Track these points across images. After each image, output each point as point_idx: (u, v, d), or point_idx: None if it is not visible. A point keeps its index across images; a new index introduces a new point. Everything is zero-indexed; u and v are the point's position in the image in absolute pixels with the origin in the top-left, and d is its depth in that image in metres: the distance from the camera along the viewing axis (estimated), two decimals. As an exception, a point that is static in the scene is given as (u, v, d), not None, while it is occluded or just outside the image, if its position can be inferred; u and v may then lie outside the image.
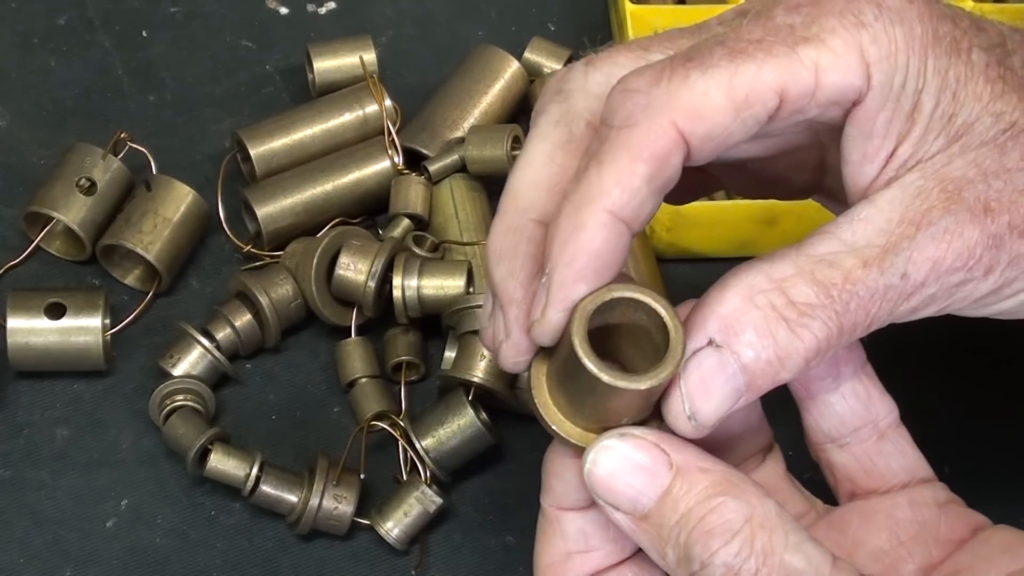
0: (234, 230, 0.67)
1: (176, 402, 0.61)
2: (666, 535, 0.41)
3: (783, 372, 0.41)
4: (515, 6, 0.77)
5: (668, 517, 0.41)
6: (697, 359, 0.41)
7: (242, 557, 0.60)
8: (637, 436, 0.42)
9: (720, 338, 0.41)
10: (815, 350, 0.41)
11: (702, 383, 0.41)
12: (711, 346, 0.41)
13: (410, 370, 0.64)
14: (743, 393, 0.41)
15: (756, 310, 0.41)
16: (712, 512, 0.41)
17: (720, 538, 0.40)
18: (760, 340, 0.41)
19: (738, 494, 0.41)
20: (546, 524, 0.46)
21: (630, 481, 0.41)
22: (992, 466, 0.63)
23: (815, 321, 0.41)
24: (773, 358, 0.41)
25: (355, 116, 0.69)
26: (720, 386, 0.41)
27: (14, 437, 0.62)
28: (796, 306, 0.41)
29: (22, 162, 0.70)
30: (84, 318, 0.62)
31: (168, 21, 0.75)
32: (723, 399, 0.41)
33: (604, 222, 0.40)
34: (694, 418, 0.41)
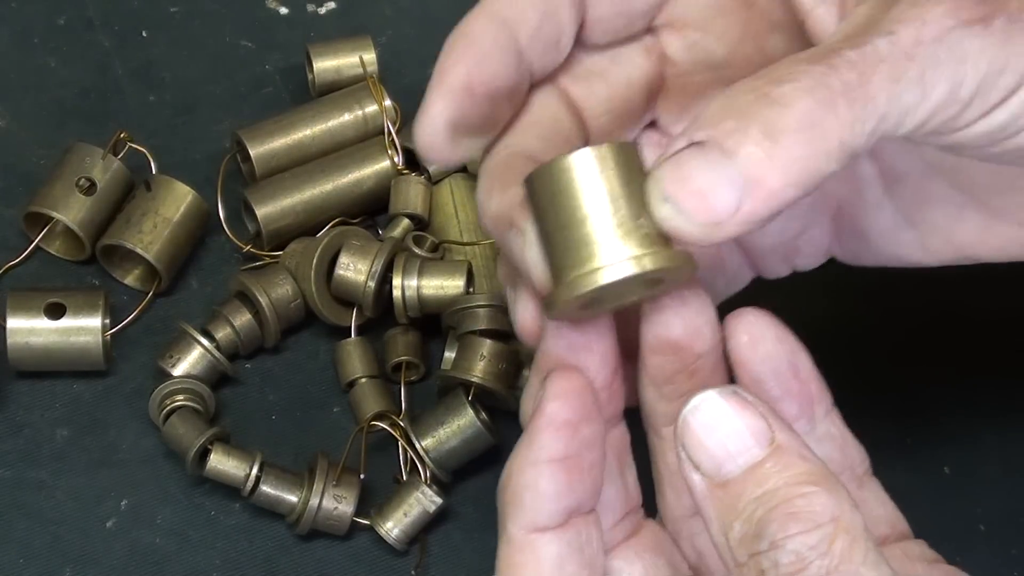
0: (234, 230, 0.67)
1: (176, 402, 0.61)
2: (741, 507, 0.38)
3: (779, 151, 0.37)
4: (515, 6, 0.77)
5: (750, 490, 0.38)
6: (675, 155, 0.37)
7: (242, 557, 0.60)
8: (745, 398, 0.39)
9: (699, 136, 0.37)
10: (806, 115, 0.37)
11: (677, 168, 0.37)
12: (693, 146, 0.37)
13: (410, 370, 0.64)
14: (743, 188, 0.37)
15: (735, 100, 0.37)
16: (801, 497, 0.37)
17: (801, 524, 0.37)
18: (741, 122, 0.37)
19: (833, 491, 0.38)
20: (516, 553, 0.42)
21: (725, 441, 0.38)
22: (992, 466, 0.63)
23: (797, 83, 0.37)
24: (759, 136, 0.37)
25: (355, 116, 0.69)
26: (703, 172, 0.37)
27: (14, 437, 0.62)
28: (776, 79, 0.37)
29: (22, 162, 0.70)
30: (84, 318, 0.62)
31: (168, 21, 0.75)
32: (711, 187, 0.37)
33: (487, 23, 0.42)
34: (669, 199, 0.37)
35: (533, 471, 0.41)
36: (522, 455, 0.41)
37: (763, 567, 0.37)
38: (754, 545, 0.37)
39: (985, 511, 0.62)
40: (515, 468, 0.41)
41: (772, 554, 0.37)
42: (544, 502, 0.41)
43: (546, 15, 0.43)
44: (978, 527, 0.61)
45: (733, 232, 0.37)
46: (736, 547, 0.38)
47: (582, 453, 0.41)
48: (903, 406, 0.64)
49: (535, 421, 0.41)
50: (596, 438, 0.42)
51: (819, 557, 0.37)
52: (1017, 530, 0.62)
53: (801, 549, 0.37)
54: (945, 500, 0.62)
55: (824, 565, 0.37)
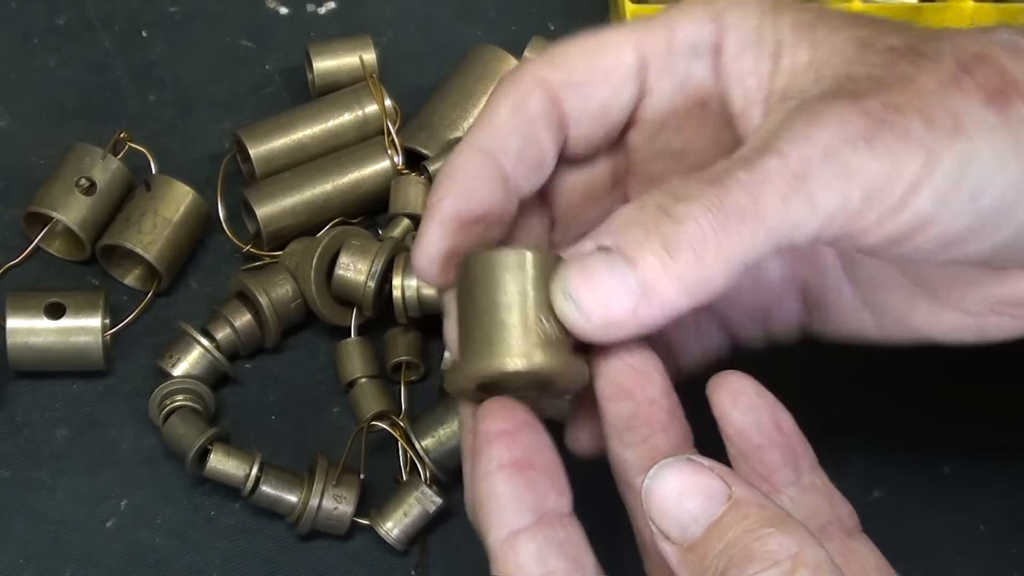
0: (234, 230, 0.67)
1: (176, 402, 0.61)
2: (708, 564, 0.39)
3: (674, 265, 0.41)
4: (515, 6, 0.77)
5: (713, 546, 0.39)
6: (581, 259, 0.42)
7: (242, 557, 0.60)
8: (700, 463, 0.40)
9: (608, 241, 0.41)
10: (698, 235, 0.40)
11: (584, 274, 0.41)
12: (599, 251, 0.41)
13: (410, 370, 0.64)
14: (639, 296, 0.41)
15: (643, 212, 0.41)
16: (757, 540, 0.39)
17: (758, 564, 0.38)
18: (645, 235, 0.41)
19: (789, 531, 0.39)
20: (500, 564, 0.43)
21: (685, 504, 0.40)
22: (992, 466, 0.63)
23: (694, 204, 0.41)
24: (659, 249, 0.41)
25: (355, 116, 0.69)
26: (607, 282, 0.41)
27: (14, 437, 0.62)
28: (678, 197, 0.41)
29: (22, 162, 0.70)
30: (84, 318, 0.62)
31: (168, 21, 0.75)
32: (611, 292, 0.41)
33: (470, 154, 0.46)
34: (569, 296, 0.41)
35: (487, 481, 0.43)
36: (475, 474, 0.44)
37: None
38: None
39: (985, 511, 0.62)
40: (474, 487, 0.44)
41: None
42: (507, 504, 0.43)
43: (527, 142, 0.46)
44: (978, 527, 0.61)
45: (628, 333, 0.42)
46: None
47: (529, 456, 0.43)
48: (903, 406, 0.64)
49: (476, 441, 0.44)
50: (540, 442, 0.44)
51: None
52: (1017, 530, 0.62)
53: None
54: (945, 500, 0.62)
55: None
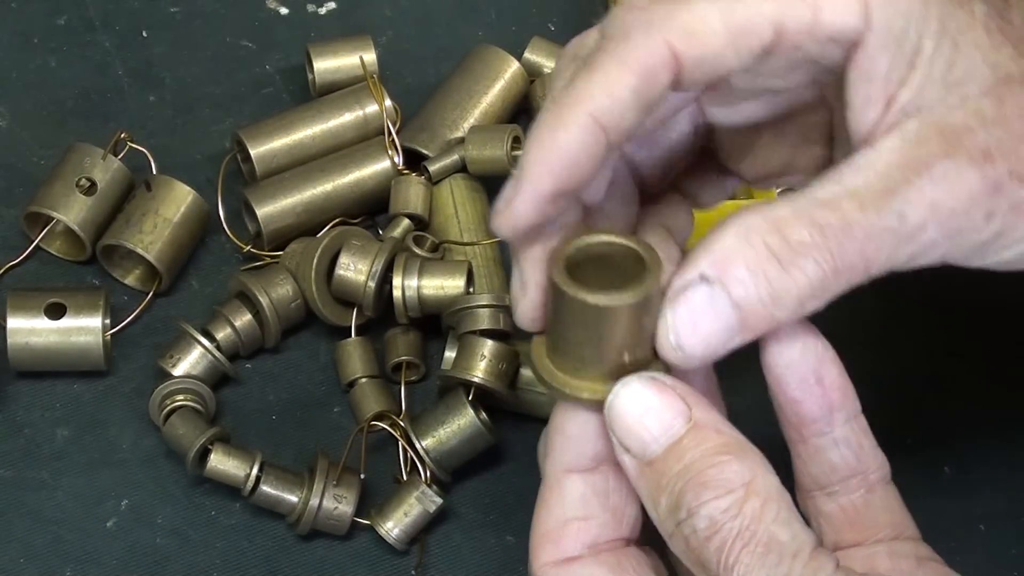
0: (234, 230, 0.67)
1: (176, 402, 0.61)
2: (665, 483, 0.41)
3: (777, 311, 0.42)
4: (515, 6, 0.77)
5: (671, 466, 0.41)
6: (686, 294, 0.42)
7: (242, 557, 0.60)
8: (664, 383, 0.42)
9: (711, 272, 0.41)
10: (808, 289, 0.41)
11: (689, 314, 0.42)
12: (702, 281, 0.41)
13: (410, 370, 0.64)
14: (736, 331, 0.42)
15: (750, 247, 0.41)
16: (713, 467, 0.41)
17: (712, 491, 0.41)
18: (752, 277, 0.41)
19: (744, 459, 0.41)
20: (546, 490, 0.45)
21: (647, 423, 0.42)
22: (992, 466, 0.63)
23: (809, 261, 0.41)
24: (765, 296, 0.41)
25: (355, 116, 0.69)
26: (710, 320, 0.42)
27: (14, 437, 0.62)
28: (791, 244, 0.41)
29: (22, 162, 0.70)
30: (84, 318, 0.62)
31: (168, 21, 0.75)
32: (712, 332, 0.42)
33: (583, 123, 0.41)
34: (680, 349, 0.42)
35: (563, 417, 0.44)
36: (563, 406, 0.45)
37: (685, 534, 0.41)
38: (676, 516, 0.41)
39: (985, 511, 0.62)
40: (552, 416, 0.45)
41: (690, 521, 0.41)
42: (571, 445, 0.44)
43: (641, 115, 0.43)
44: (978, 527, 0.61)
45: (712, 361, 0.43)
46: (664, 519, 0.42)
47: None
48: (902, 406, 0.64)
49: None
50: None
51: (730, 519, 0.40)
52: (1017, 530, 0.62)
53: (714, 513, 0.40)
54: (945, 500, 0.62)
55: (735, 526, 0.40)
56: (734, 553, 0.40)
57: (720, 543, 0.40)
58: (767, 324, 0.42)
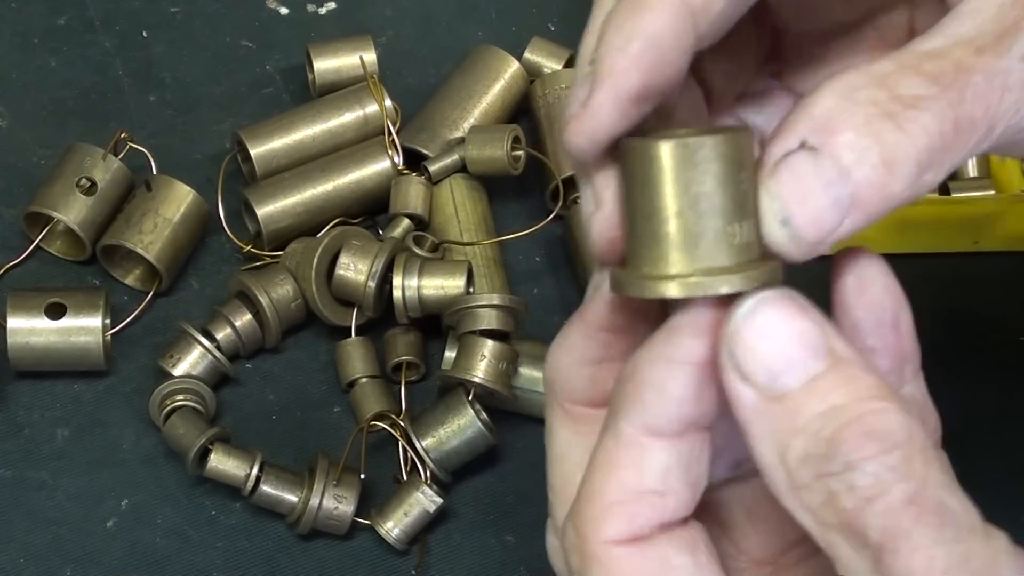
0: (234, 230, 0.67)
1: (176, 402, 0.61)
2: (802, 424, 0.34)
3: (892, 181, 0.35)
4: (515, 6, 0.77)
5: (812, 405, 0.34)
6: (788, 162, 0.35)
7: (242, 557, 0.60)
8: (803, 304, 0.35)
9: (815, 139, 0.35)
10: (927, 150, 0.35)
11: (795, 184, 0.35)
12: (804, 149, 0.35)
13: (410, 370, 0.64)
14: (847, 209, 0.35)
15: (856, 107, 0.35)
16: (874, 414, 0.34)
17: (878, 444, 0.34)
18: (862, 139, 0.35)
19: (903, 408, 0.35)
20: (621, 451, 0.37)
21: (782, 348, 0.35)
22: (992, 466, 0.63)
23: (925, 113, 0.35)
24: (878, 161, 0.35)
25: (355, 116, 0.69)
26: (819, 192, 0.35)
27: (14, 437, 0.62)
28: (903, 99, 0.35)
29: (22, 162, 0.70)
30: (84, 318, 0.62)
31: (168, 21, 0.75)
32: (824, 208, 0.35)
33: (671, 4, 0.36)
34: (788, 225, 0.35)
35: (665, 368, 0.37)
36: (655, 350, 0.37)
37: (833, 489, 0.34)
38: (823, 466, 0.34)
39: (985, 511, 0.62)
40: (644, 362, 0.37)
41: (847, 476, 0.34)
42: (668, 405, 0.36)
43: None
44: (978, 527, 0.61)
45: (823, 251, 0.36)
46: (797, 467, 0.34)
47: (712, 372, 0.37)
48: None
49: (677, 318, 0.37)
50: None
51: (900, 480, 0.34)
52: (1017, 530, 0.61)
53: (881, 471, 0.33)
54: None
55: (906, 489, 0.34)
56: (906, 522, 0.33)
57: (886, 508, 0.33)
58: (881, 200, 0.35)
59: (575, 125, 0.37)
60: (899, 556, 0.33)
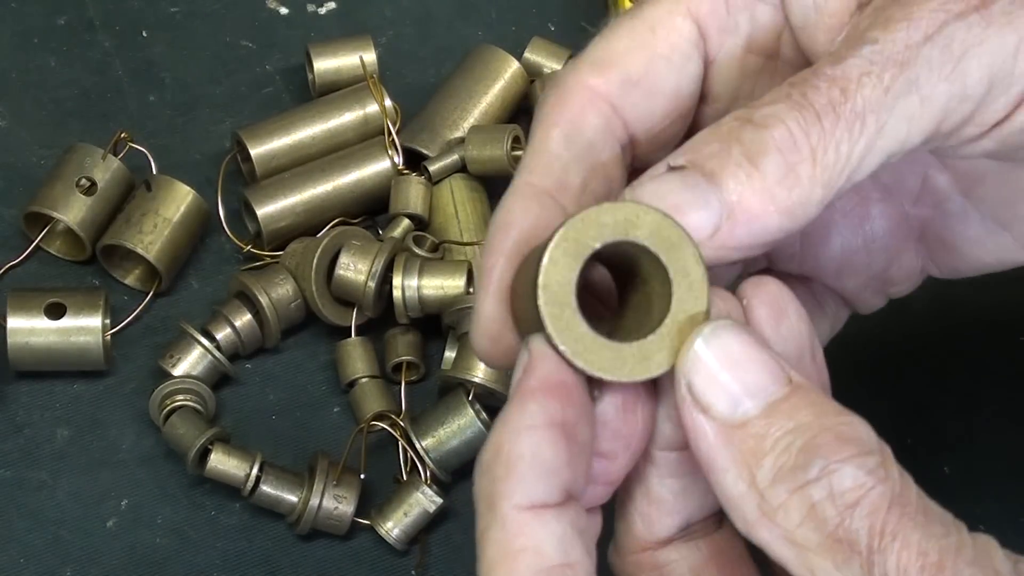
0: (234, 230, 0.67)
1: (176, 402, 0.61)
2: (769, 445, 0.33)
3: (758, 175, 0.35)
4: (515, 6, 0.77)
5: (776, 427, 0.33)
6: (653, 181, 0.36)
7: (242, 557, 0.60)
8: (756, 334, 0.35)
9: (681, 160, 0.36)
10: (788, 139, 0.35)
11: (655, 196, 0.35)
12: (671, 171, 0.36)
13: (410, 370, 0.64)
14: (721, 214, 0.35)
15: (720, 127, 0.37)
16: (844, 426, 0.33)
17: (855, 446, 0.33)
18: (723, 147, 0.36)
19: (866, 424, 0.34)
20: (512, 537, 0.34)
21: (742, 375, 0.34)
22: (992, 466, 0.63)
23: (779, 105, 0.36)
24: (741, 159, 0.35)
25: (355, 116, 0.69)
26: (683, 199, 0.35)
27: (14, 437, 0.62)
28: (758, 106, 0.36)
29: (22, 162, 0.70)
30: (84, 318, 0.62)
31: (168, 21, 0.75)
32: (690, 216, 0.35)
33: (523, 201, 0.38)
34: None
35: (532, 436, 0.35)
36: (513, 420, 0.35)
37: (814, 500, 0.33)
38: (799, 477, 0.33)
39: (985, 511, 0.62)
40: (507, 436, 0.35)
41: (826, 481, 0.33)
42: (546, 472, 0.35)
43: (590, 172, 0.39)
44: (978, 527, 0.61)
45: (710, 258, 0.35)
46: (768, 488, 0.33)
47: (578, 423, 0.36)
48: (902, 407, 0.64)
49: (526, 383, 0.36)
50: (586, 416, 0.36)
51: (880, 482, 0.33)
52: (1017, 530, 0.62)
53: (859, 474, 0.33)
54: (945, 500, 0.62)
55: (887, 491, 0.33)
56: (892, 522, 0.33)
57: (872, 509, 0.33)
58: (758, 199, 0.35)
59: (474, 336, 0.38)
60: (891, 555, 0.33)
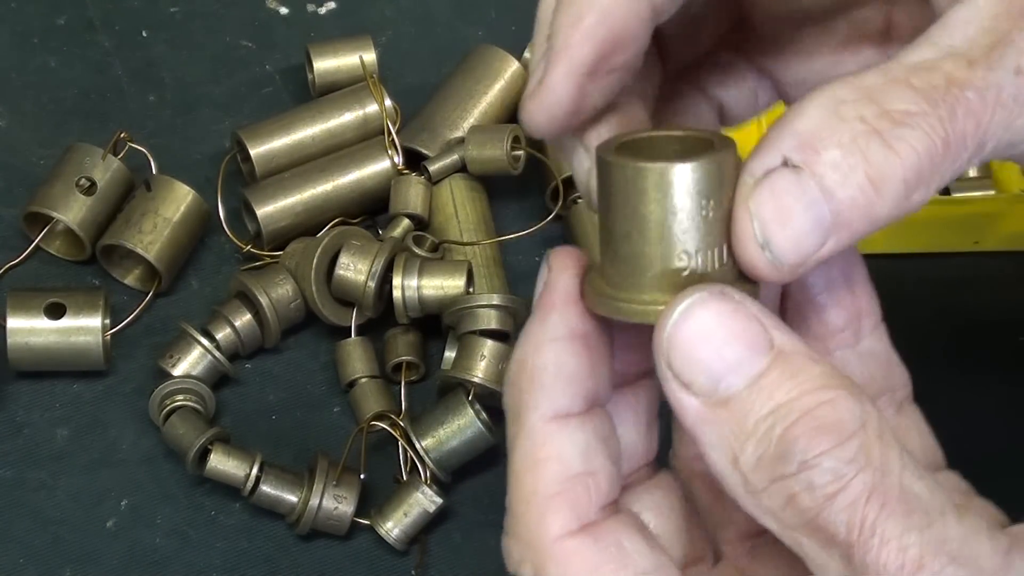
0: (234, 230, 0.67)
1: (176, 402, 0.61)
2: (750, 427, 0.33)
3: (878, 202, 0.34)
4: (515, 6, 0.77)
5: (758, 405, 0.33)
6: (769, 180, 0.33)
7: (242, 557, 0.60)
8: (737, 299, 0.34)
9: (797, 157, 0.33)
10: (915, 169, 0.34)
11: (776, 204, 0.33)
12: (786, 167, 0.34)
13: (410, 370, 0.64)
14: (830, 230, 0.34)
15: (842, 123, 0.34)
16: (824, 405, 0.33)
17: (832, 437, 0.32)
18: (847, 158, 0.33)
19: (853, 392, 0.33)
20: (538, 446, 0.36)
21: (721, 350, 0.33)
22: (992, 466, 0.63)
23: (915, 131, 0.33)
24: (864, 181, 0.33)
25: (355, 116, 0.69)
26: (800, 212, 0.33)
27: (14, 437, 0.62)
28: (891, 115, 0.34)
29: (22, 162, 0.70)
30: (84, 318, 0.62)
31: (168, 21, 0.75)
32: (804, 230, 0.34)
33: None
34: (768, 247, 0.34)
35: (554, 348, 0.36)
36: (535, 334, 0.36)
37: (793, 491, 0.33)
38: (778, 468, 0.33)
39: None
40: (530, 349, 0.36)
41: (805, 476, 0.33)
42: (568, 382, 0.36)
43: None
44: (978, 527, 0.61)
45: (801, 274, 0.35)
46: (751, 472, 0.33)
47: (599, 333, 0.36)
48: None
49: (547, 297, 0.36)
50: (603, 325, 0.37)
51: (859, 471, 0.32)
52: (1017, 530, 0.61)
53: (838, 466, 0.32)
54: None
55: (867, 480, 0.32)
56: (871, 514, 0.32)
57: (849, 502, 0.32)
58: (866, 221, 0.34)
59: (532, 103, 0.35)
60: (870, 551, 0.32)
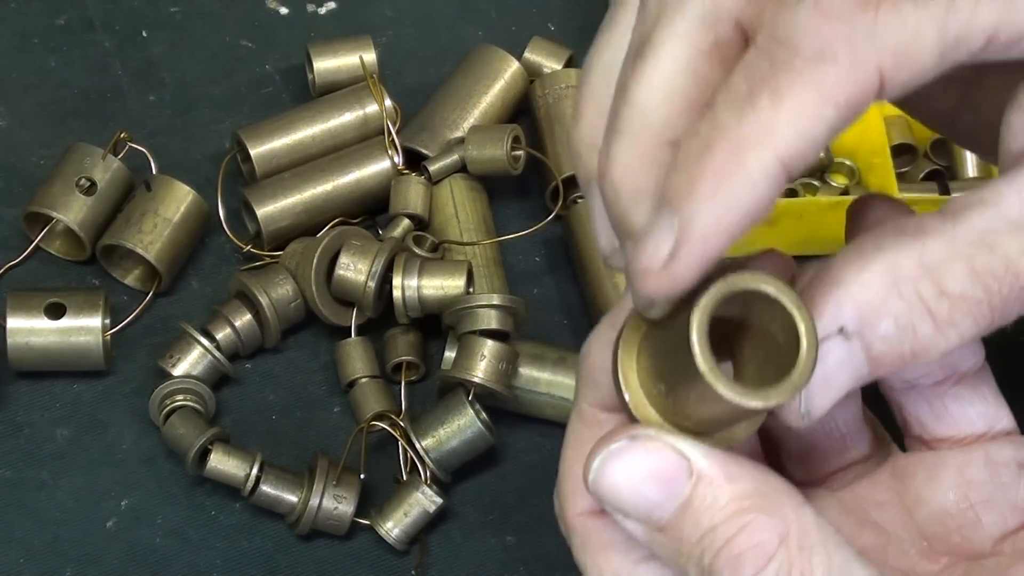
0: (234, 230, 0.67)
1: (176, 402, 0.61)
2: (687, 552, 0.36)
3: (914, 367, 0.36)
4: (515, 6, 0.77)
5: (689, 532, 0.36)
6: (823, 351, 0.35)
7: (242, 557, 0.60)
8: (651, 438, 0.36)
9: (853, 327, 0.35)
10: (957, 346, 0.36)
11: (824, 378, 0.35)
12: (840, 335, 0.35)
13: (410, 370, 0.64)
14: (864, 379, 0.36)
15: (900, 301, 0.35)
16: (741, 532, 0.35)
17: (752, 565, 0.35)
18: (899, 333, 0.35)
19: (771, 509, 0.35)
20: (584, 429, 0.39)
21: (643, 492, 0.36)
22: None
23: (967, 319, 0.35)
24: (907, 352, 0.35)
25: (355, 116, 0.69)
26: (843, 380, 0.36)
27: (14, 437, 0.62)
28: (948, 298, 0.35)
29: (22, 162, 0.70)
30: (84, 318, 0.62)
31: (168, 21, 0.75)
32: (841, 389, 0.36)
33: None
34: (808, 415, 0.36)
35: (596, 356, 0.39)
36: (603, 335, 0.39)
37: None
38: None
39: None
40: (593, 347, 0.40)
41: None
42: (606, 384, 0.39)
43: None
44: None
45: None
46: None
47: None
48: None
49: (622, 303, 0.39)
50: None
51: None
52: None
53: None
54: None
55: None
56: None
57: None
58: (896, 369, 0.36)
59: (655, 281, 0.35)
60: None
